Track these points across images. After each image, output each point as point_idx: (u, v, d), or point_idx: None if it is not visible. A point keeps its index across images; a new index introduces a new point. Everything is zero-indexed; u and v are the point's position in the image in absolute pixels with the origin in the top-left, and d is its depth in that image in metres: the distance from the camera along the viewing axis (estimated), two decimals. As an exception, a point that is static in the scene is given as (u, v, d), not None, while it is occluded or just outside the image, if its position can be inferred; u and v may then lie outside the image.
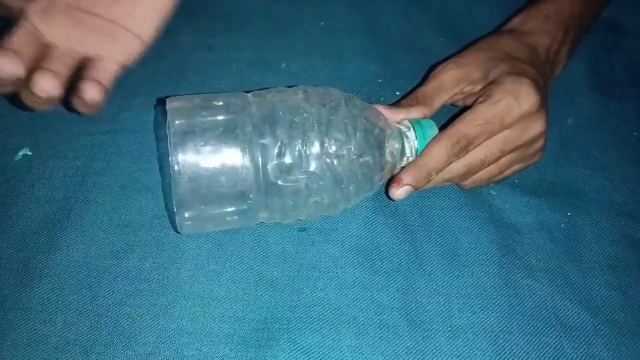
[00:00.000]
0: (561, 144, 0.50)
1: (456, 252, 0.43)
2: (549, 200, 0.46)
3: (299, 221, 0.43)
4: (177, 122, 0.36)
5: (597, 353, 0.39)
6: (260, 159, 0.37)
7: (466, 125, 0.40)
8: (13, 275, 0.40)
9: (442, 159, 0.40)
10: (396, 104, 0.44)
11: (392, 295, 0.41)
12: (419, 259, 0.42)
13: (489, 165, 0.42)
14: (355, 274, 0.41)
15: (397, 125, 0.43)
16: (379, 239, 0.43)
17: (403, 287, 0.41)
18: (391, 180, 0.41)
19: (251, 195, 0.37)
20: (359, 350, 0.38)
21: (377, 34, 0.55)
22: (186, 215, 0.37)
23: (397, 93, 0.51)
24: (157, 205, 0.43)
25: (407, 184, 0.40)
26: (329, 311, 0.40)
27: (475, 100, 0.43)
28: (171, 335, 0.38)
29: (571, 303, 0.41)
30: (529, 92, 0.41)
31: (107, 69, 0.40)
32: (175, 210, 0.37)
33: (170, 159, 0.36)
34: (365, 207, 0.45)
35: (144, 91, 0.50)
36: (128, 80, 0.50)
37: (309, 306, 0.40)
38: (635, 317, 0.41)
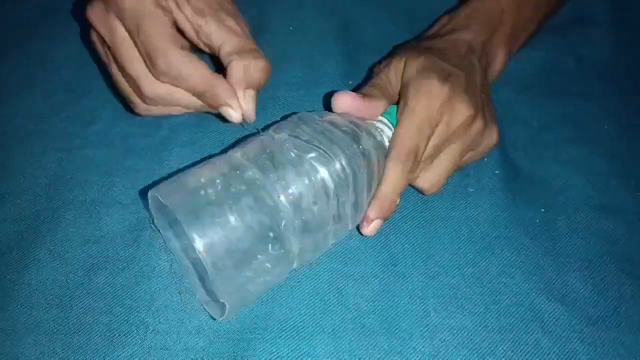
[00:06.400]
0: (530, 142, 0.50)
1: (430, 252, 0.43)
2: (523, 197, 0.46)
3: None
4: (183, 215, 0.32)
5: (573, 348, 0.39)
6: (281, 200, 0.35)
7: (405, 140, 0.39)
8: (-19, 298, 0.39)
9: (402, 182, 0.39)
10: (363, 95, 0.41)
11: (367, 299, 0.40)
12: (394, 261, 0.42)
13: (431, 159, 0.42)
14: (330, 279, 0.41)
15: (372, 122, 0.41)
16: (352, 243, 0.43)
17: (378, 290, 0.41)
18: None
19: (285, 238, 0.35)
20: (336, 356, 0.38)
21: (347, 37, 0.55)
22: (228, 297, 0.34)
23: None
24: (127, 219, 0.43)
25: (377, 218, 0.39)
26: (304, 318, 0.39)
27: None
28: (146, 352, 0.37)
29: (547, 299, 0.41)
30: (432, 82, 0.40)
31: None
32: (220, 298, 0.34)
33: (193, 253, 0.34)
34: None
35: (111, 104, 0.49)
36: (94, 93, 0.50)
37: (285, 314, 0.40)
38: (610, 311, 0.41)
